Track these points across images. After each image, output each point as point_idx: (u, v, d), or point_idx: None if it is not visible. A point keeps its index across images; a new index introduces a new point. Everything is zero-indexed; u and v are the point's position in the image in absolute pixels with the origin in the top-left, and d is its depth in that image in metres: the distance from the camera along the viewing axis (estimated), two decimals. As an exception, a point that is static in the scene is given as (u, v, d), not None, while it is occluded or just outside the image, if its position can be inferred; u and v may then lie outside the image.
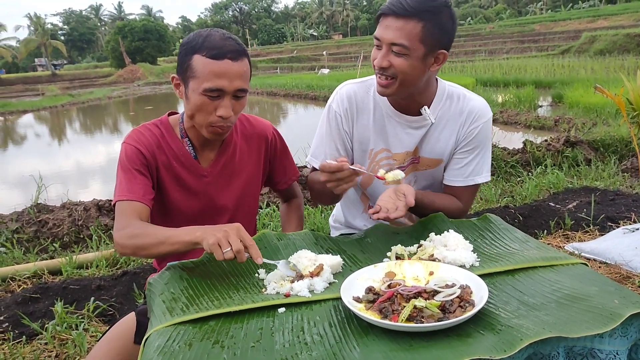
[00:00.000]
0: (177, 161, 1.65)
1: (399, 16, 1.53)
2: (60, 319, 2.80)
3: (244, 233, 1.32)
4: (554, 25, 50.32)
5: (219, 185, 1.71)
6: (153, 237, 1.43)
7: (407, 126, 1.76)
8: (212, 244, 1.28)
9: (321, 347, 1.03)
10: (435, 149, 1.80)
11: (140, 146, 1.60)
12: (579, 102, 10.11)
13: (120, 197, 1.55)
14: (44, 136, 17.63)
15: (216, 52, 1.46)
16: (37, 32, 63.13)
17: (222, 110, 1.50)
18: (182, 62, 1.52)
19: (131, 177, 1.57)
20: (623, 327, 1.07)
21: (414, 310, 1.08)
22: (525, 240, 1.50)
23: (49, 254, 4.06)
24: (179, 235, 1.40)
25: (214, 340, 1.08)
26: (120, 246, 1.49)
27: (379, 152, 1.81)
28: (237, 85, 1.50)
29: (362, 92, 1.80)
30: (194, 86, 1.50)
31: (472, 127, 1.76)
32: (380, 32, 1.57)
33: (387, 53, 1.57)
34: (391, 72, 1.59)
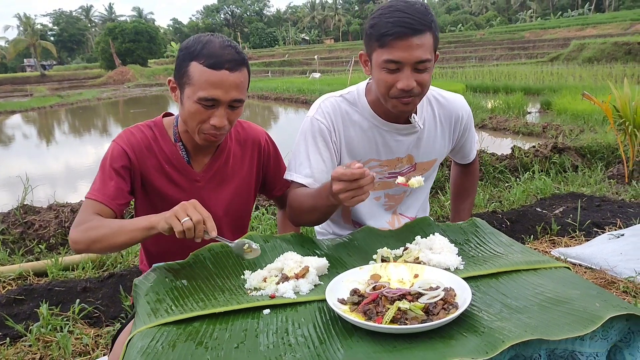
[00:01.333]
0: (170, 165, 1.64)
1: (418, 33, 1.48)
2: (45, 321, 2.78)
3: (200, 207, 1.33)
4: (543, 33, 50.87)
5: (211, 190, 1.69)
6: (107, 228, 1.42)
7: (397, 134, 1.75)
8: (169, 217, 1.30)
9: (305, 348, 1.03)
10: (429, 153, 1.83)
11: (128, 148, 1.59)
12: (566, 109, 10.20)
13: (90, 196, 1.54)
14: (32, 137, 17.47)
15: (214, 61, 1.44)
16: (26, 33, 62.70)
17: (216, 120, 1.48)
18: (180, 67, 1.50)
19: (108, 178, 1.56)
20: (604, 330, 1.09)
21: (398, 312, 1.09)
22: (510, 244, 1.51)
23: (34, 256, 4.03)
24: (135, 222, 1.40)
25: (197, 341, 1.07)
26: (72, 241, 1.47)
27: (367, 162, 1.78)
28: (232, 96, 1.48)
29: (345, 105, 1.76)
30: (189, 93, 1.48)
31: (464, 125, 1.88)
32: (401, 54, 1.49)
33: (411, 73, 1.52)
34: (416, 91, 1.55)
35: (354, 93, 1.77)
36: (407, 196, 1.91)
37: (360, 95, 1.75)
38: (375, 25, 1.52)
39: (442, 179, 5.20)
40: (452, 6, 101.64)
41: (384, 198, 1.87)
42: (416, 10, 1.49)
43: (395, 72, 1.52)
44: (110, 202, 1.53)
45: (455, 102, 1.85)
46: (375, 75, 1.58)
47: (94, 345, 2.66)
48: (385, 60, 1.51)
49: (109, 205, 1.52)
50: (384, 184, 1.84)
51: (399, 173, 1.81)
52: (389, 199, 1.88)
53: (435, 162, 1.88)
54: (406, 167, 1.82)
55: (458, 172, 2.15)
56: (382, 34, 1.49)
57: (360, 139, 1.75)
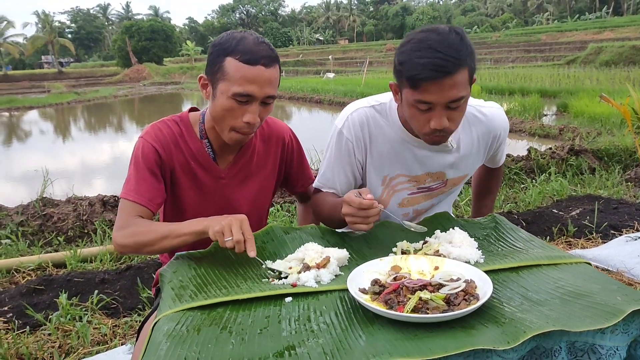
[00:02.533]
0: (195, 161, 1.64)
1: (452, 74, 1.37)
2: (64, 311, 2.83)
3: (246, 226, 1.36)
4: (560, 36, 50.34)
5: (234, 187, 1.70)
6: (156, 233, 1.45)
7: (428, 150, 1.67)
8: (217, 231, 1.34)
9: (327, 335, 1.05)
10: (462, 170, 1.76)
11: (157, 145, 1.58)
12: (584, 111, 10.11)
13: (127, 196, 1.54)
14: (48, 133, 17.68)
15: (250, 57, 1.44)
16: (44, 30, 63.28)
17: (249, 116, 1.48)
18: (213, 63, 1.49)
19: (142, 177, 1.55)
20: (625, 324, 1.09)
21: (419, 302, 1.10)
22: (530, 239, 1.52)
23: (53, 248, 4.09)
24: (185, 227, 1.43)
25: (222, 326, 1.10)
26: (119, 245, 1.50)
27: (394, 177, 1.72)
28: (267, 91, 1.48)
29: (375, 117, 1.68)
30: (223, 88, 1.47)
31: (500, 140, 1.81)
32: (432, 96, 1.40)
33: (443, 111, 1.43)
34: (449, 129, 1.48)
35: (385, 105, 1.69)
36: (432, 209, 1.85)
37: (391, 108, 1.68)
38: (405, 63, 1.41)
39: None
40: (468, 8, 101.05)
41: (412, 214, 1.81)
42: (449, 46, 1.37)
43: (427, 111, 1.44)
44: (148, 203, 1.54)
45: (494, 119, 1.74)
46: (407, 110, 1.51)
47: (112, 335, 2.70)
48: (416, 100, 1.43)
49: (147, 206, 1.54)
50: (413, 200, 1.78)
51: (429, 188, 1.75)
52: (416, 213, 1.82)
53: (466, 177, 1.82)
54: (437, 182, 1.75)
55: (482, 172, 2.08)
56: (412, 75, 1.39)
57: (388, 153, 1.69)
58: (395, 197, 1.75)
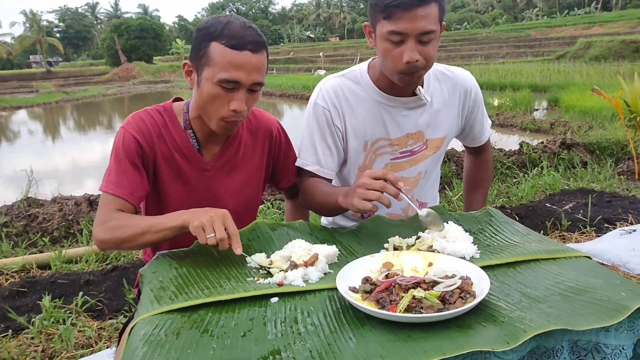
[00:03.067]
0: (179, 153, 1.56)
1: (424, 4, 1.44)
2: (47, 314, 2.74)
3: (229, 221, 1.28)
4: (549, 31, 50.49)
5: (220, 180, 1.63)
6: (136, 228, 1.37)
7: (403, 108, 1.71)
8: (197, 226, 1.26)
9: (315, 337, 0.98)
10: (439, 129, 1.78)
11: (139, 135, 1.51)
12: (574, 105, 10.12)
13: (107, 189, 1.48)
14: (37, 133, 17.51)
15: (237, 41, 1.37)
16: (32, 29, 62.69)
17: (236, 104, 1.41)
18: (198, 48, 1.42)
19: (122, 169, 1.48)
20: (630, 321, 1.03)
21: (413, 301, 1.04)
22: (526, 233, 1.46)
23: (38, 248, 4.00)
24: (164, 221, 1.35)
25: (203, 329, 1.03)
26: (99, 241, 1.42)
27: (375, 142, 1.74)
28: (254, 78, 1.41)
29: (348, 85, 1.73)
30: (208, 75, 1.40)
31: (472, 99, 1.83)
32: (404, 25, 1.45)
33: (415, 45, 1.48)
34: (421, 64, 1.51)
35: (356, 72, 1.75)
36: (422, 179, 1.86)
37: (362, 73, 1.73)
38: None
39: (449, 174, 5.15)
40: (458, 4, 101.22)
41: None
42: None
43: (400, 44, 1.49)
44: (129, 196, 1.47)
45: (462, 75, 1.81)
46: (379, 47, 1.55)
47: (97, 338, 2.63)
48: (389, 31, 1.47)
49: (128, 199, 1.47)
50: (397, 166, 1.79)
51: (411, 151, 1.77)
52: (404, 182, 1.80)
53: (446, 140, 1.83)
54: (418, 144, 1.77)
55: (471, 161, 2.10)
56: (386, 5, 1.45)
57: (366, 118, 1.72)
58: (378, 162, 1.77)
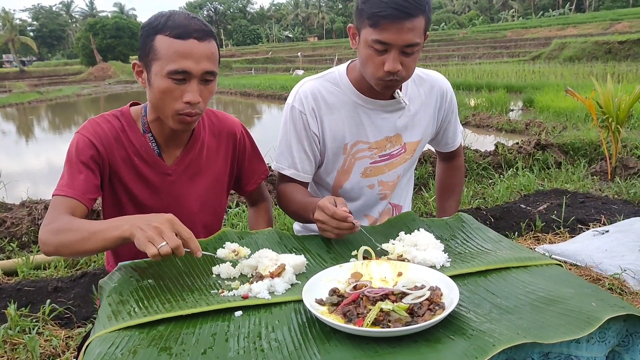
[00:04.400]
0: (139, 157, 1.51)
1: (411, 17, 1.42)
2: (12, 322, 2.65)
3: (179, 226, 1.20)
4: (525, 32, 51.23)
5: (183, 184, 1.58)
6: (77, 233, 1.28)
7: (382, 111, 1.70)
8: (143, 241, 1.15)
9: (279, 354, 0.94)
10: (416, 132, 1.78)
11: (95, 139, 1.46)
12: (549, 106, 10.23)
13: (59, 192, 1.41)
14: (10, 134, 17.14)
15: (181, 30, 1.34)
16: (5, 28, 61.43)
17: (190, 96, 1.36)
18: (144, 45, 1.38)
19: (76, 171, 1.43)
20: (601, 332, 1.01)
21: (380, 314, 1.00)
22: (498, 240, 1.44)
23: (5, 254, 3.88)
24: (105, 230, 1.24)
25: (161, 346, 0.98)
26: (42, 243, 1.33)
27: (354, 144, 1.72)
28: (204, 67, 1.36)
29: (326, 87, 1.70)
30: (157, 69, 1.36)
31: (448, 102, 1.83)
32: (390, 36, 1.43)
33: (398, 56, 1.47)
34: (401, 75, 1.51)
35: (334, 74, 1.73)
36: (399, 183, 1.86)
37: (341, 75, 1.71)
38: (368, 1, 1.44)
39: (425, 175, 5.15)
40: (435, 5, 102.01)
41: (377, 186, 1.81)
42: None
43: (383, 52, 1.47)
44: (81, 196, 1.40)
45: (438, 78, 1.81)
46: (362, 52, 1.53)
47: (65, 347, 2.55)
48: (374, 40, 1.45)
49: (80, 199, 1.40)
50: (376, 170, 1.77)
51: (390, 155, 1.76)
52: (383, 186, 1.81)
53: (421, 143, 1.83)
54: (396, 148, 1.76)
55: (443, 168, 2.08)
56: (374, 13, 1.42)
57: (344, 121, 1.69)
58: (357, 165, 1.75)
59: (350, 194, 1.80)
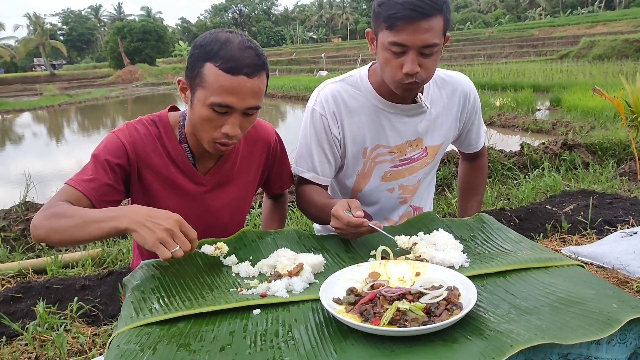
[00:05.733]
0: (175, 165, 1.52)
1: (428, 17, 1.41)
2: (41, 319, 2.72)
3: (186, 227, 1.22)
4: (552, 31, 50.39)
5: (215, 194, 1.60)
6: (71, 220, 1.25)
7: (403, 115, 1.69)
8: (153, 243, 1.17)
9: (295, 352, 0.95)
10: (437, 135, 1.77)
11: (127, 143, 1.45)
12: (577, 105, 10.06)
13: (72, 183, 1.39)
14: (41, 135, 17.57)
15: (232, 65, 1.30)
16: (36, 32, 62.85)
17: (228, 128, 1.36)
18: (193, 67, 1.36)
19: (96, 169, 1.42)
20: (621, 334, 0.99)
21: (397, 313, 1.00)
22: (518, 240, 1.43)
23: (35, 253, 3.98)
24: (101, 220, 1.23)
25: (180, 343, 1.00)
26: (33, 227, 1.30)
27: (374, 149, 1.72)
28: (248, 103, 1.35)
29: (347, 90, 1.69)
30: (201, 96, 1.34)
31: (471, 105, 1.81)
32: (406, 37, 1.42)
33: (416, 57, 1.46)
34: (420, 76, 1.49)
35: (356, 76, 1.72)
36: (421, 186, 1.85)
37: (362, 78, 1.70)
38: (383, 4, 1.44)
39: (449, 175, 5.11)
40: (461, 4, 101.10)
41: (397, 190, 1.80)
42: None
43: (401, 54, 1.46)
44: (92, 195, 1.39)
45: (461, 80, 1.79)
46: (381, 56, 1.52)
47: (91, 344, 2.60)
48: (391, 42, 1.44)
49: (90, 198, 1.39)
50: (396, 174, 1.77)
51: (411, 159, 1.75)
52: (403, 190, 1.81)
53: (443, 146, 1.82)
54: (417, 152, 1.75)
55: (466, 167, 2.07)
56: (390, 15, 1.42)
57: (365, 124, 1.69)
58: (377, 169, 1.75)
59: (370, 198, 1.80)
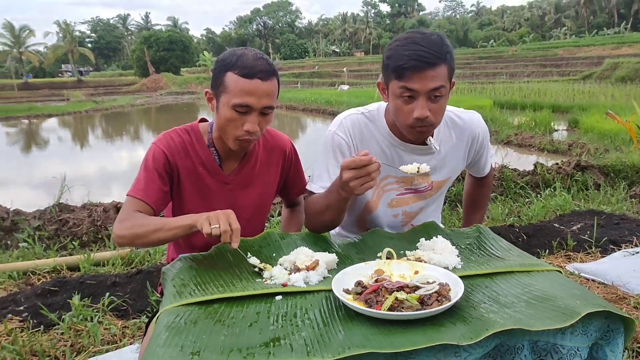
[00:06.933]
0: (203, 167, 1.78)
1: (433, 66, 1.54)
2: (76, 311, 2.96)
3: (233, 218, 1.47)
4: (577, 51, 50.09)
5: (239, 192, 1.84)
6: (150, 226, 1.57)
7: (413, 153, 1.82)
8: (204, 220, 1.45)
9: (310, 329, 1.16)
10: (444, 171, 1.90)
11: (167, 151, 1.73)
12: (594, 127, 10.15)
13: (134, 194, 1.68)
14: (67, 140, 18.04)
15: (247, 71, 1.58)
16: (65, 39, 64.29)
17: (249, 125, 1.62)
18: (216, 78, 1.64)
19: (151, 179, 1.70)
20: (584, 326, 1.19)
21: (396, 302, 1.21)
22: (508, 249, 1.62)
23: (68, 251, 4.24)
24: (175, 221, 1.55)
25: (216, 319, 1.21)
26: (117, 236, 1.62)
27: (384, 178, 1.86)
28: (264, 103, 1.61)
29: (366, 123, 1.83)
30: (224, 101, 1.62)
31: (479, 144, 1.95)
32: (415, 84, 1.56)
33: (425, 102, 1.58)
34: (430, 120, 1.61)
35: (374, 112, 1.85)
36: (426, 211, 2.00)
37: (380, 114, 1.84)
38: (392, 56, 1.59)
39: (462, 192, 5.27)
40: (485, 22, 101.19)
41: (401, 215, 1.95)
42: (432, 42, 1.56)
43: (411, 100, 1.60)
44: (153, 203, 1.68)
45: (471, 121, 1.90)
46: (392, 104, 1.66)
47: (121, 335, 2.83)
48: (401, 88, 1.58)
49: (152, 206, 1.68)
50: (402, 201, 1.91)
51: (415, 190, 1.89)
52: (405, 215, 1.96)
53: (449, 179, 1.96)
54: (423, 185, 1.89)
55: (471, 183, 2.24)
56: (398, 66, 1.56)
57: (378, 155, 1.81)
58: (385, 197, 1.89)
59: (376, 221, 1.96)
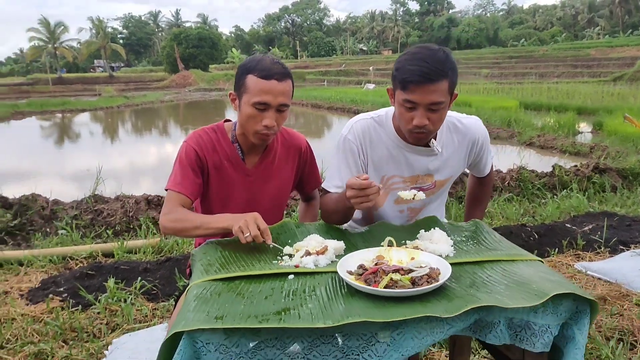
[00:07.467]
0: (228, 161, 2.02)
1: (434, 82, 1.70)
2: (111, 293, 3.23)
3: (260, 221, 1.69)
4: (610, 51, 49.08)
5: (260, 184, 2.07)
6: (191, 222, 1.82)
7: (417, 154, 1.99)
8: (237, 230, 1.68)
9: (316, 302, 1.36)
10: (446, 172, 2.08)
11: (198, 148, 1.97)
12: (617, 130, 10.11)
13: (172, 187, 1.93)
14: (98, 135, 18.57)
15: (265, 73, 1.82)
16: (98, 35, 65.61)
17: (267, 121, 1.85)
18: (238, 80, 1.89)
19: (185, 173, 1.94)
20: (554, 306, 1.37)
21: (391, 282, 1.40)
22: (499, 241, 1.80)
23: (102, 239, 4.54)
24: (212, 222, 1.79)
25: (237, 293, 1.42)
26: (164, 227, 1.88)
27: (391, 177, 2.05)
28: (280, 100, 1.85)
29: (375, 127, 2.01)
30: (245, 100, 1.85)
31: (479, 148, 2.11)
32: (416, 97, 1.73)
33: (424, 112, 1.76)
34: (428, 128, 1.79)
35: (382, 116, 2.03)
36: (428, 207, 2.19)
37: (388, 118, 2.02)
38: (399, 69, 1.77)
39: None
40: (516, 20, 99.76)
41: (406, 211, 2.14)
42: (436, 59, 1.71)
43: (412, 109, 1.78)
44: (189, 194, 1.92)
45: (471, 127, 2.06)
46: (397, 110, 1.86)
47: (152, 316, 3.08)
48: (404, 99, 1.77)
49: (189, 196, 1.92)
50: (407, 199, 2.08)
51: (420, 188, 2.05)
52: (410, 211, 2.15)
53: (451, 179, 2.14)
54: (427, 184, 2.08)
55: (474, 182, 2.42)
56: (403, 78, 1.74)
57: (385, 157, 2.01)
58: (391, 194, 2.08)
59: (383, 217, 2.14)
